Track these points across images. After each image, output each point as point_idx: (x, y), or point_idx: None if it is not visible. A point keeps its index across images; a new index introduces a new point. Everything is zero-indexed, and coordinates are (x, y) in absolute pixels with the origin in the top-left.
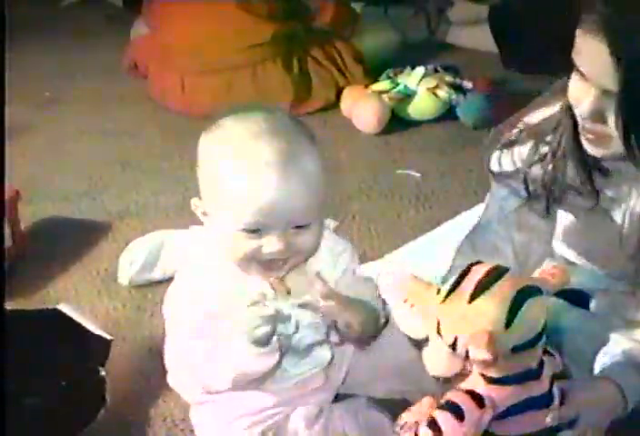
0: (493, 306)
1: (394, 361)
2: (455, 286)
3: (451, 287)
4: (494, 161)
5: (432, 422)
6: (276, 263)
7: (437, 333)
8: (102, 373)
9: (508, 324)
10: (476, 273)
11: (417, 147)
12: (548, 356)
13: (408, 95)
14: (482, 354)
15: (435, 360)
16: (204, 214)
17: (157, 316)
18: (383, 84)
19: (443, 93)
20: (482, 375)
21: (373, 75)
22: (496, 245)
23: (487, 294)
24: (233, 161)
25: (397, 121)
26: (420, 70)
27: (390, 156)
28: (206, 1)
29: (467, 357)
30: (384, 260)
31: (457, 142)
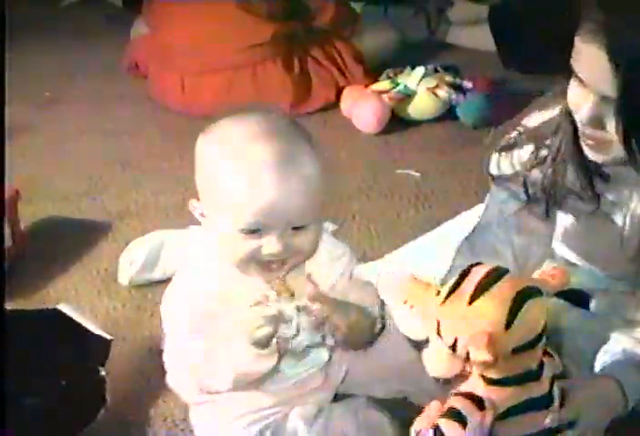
0: (493, 307)
1: (393, 361)
2: (455, 287)
3: (451, 288)
4: (493, 164)
5: (437, 431)
6: (275, 264)
7: (437, 334)
8: (102, 373)
9: (508, 325)
10: (476, 274)
11: (417, 147)
12: (548, 357)
13: (408, 95)
14: (482, 355)
15: (435, 361)
16: (202, 216)
17: (157, 316)
18: (383, 84)
19: (443, 92)
20: (482, 376)
21: (373, 75)
22: (496, 248)
23: (487, 295)
24: (232, 161)
25: (397, 121)
26: (420, 70)
27: (390, 156)
28: (206, 1)
29: (467, 358)
30: (384, 260)
31: (457, 141)
